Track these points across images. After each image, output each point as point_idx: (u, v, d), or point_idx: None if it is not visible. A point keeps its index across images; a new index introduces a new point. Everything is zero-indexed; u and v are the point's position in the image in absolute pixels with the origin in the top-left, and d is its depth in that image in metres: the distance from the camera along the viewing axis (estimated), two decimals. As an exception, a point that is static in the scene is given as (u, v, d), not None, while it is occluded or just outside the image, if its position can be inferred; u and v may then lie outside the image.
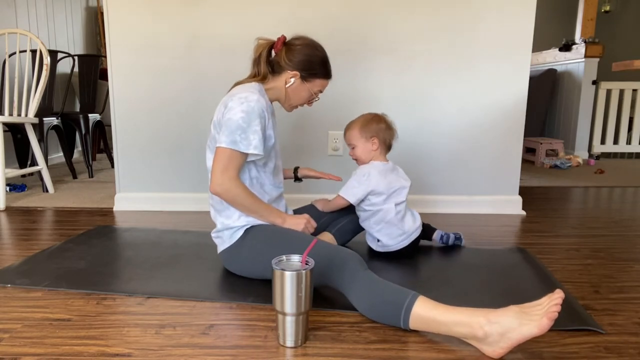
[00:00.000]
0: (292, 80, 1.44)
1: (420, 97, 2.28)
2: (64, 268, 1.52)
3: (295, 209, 1.71)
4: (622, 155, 4.66)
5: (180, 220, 2.17)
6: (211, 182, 1.34)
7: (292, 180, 1.77)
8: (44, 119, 2.91)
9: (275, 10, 2.20)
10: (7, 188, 2.74)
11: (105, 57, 2.53)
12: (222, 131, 1.33)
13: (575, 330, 1.13)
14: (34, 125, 2.73)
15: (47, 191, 2.73)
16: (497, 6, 2.20)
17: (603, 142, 4.43)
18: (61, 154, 3.89)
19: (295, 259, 1.08)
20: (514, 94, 2.28)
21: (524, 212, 2.35)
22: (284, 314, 1.03)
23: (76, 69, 3.54)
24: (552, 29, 5.42)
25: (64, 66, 3.67)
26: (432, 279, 1.48)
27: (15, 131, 3.11)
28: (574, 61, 4.47)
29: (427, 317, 1.06)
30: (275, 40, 1.45)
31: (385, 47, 2.24)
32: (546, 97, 4.60)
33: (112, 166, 3.61)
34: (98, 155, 4.25)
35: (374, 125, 1.63)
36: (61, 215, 2.25)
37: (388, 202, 1.60)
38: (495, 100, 2.28)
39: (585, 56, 4.30)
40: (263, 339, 1.09)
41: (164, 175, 2.35)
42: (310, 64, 1.44)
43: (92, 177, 3.24)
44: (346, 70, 2.24)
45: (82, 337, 1.09)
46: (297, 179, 1.77)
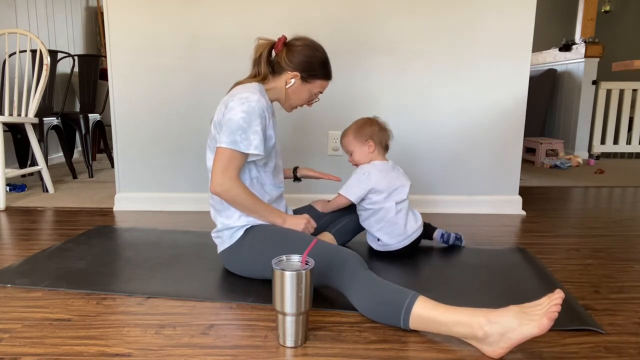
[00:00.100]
0: (293, 81, 1.44)
1: (420, 97, 2.28)
2: (64, 268, 1.52)
3: (295, 209, 1.71)
4: (622, 155, 4.66)
5: (180, 220, 2.17)
6: (211, 182, 1.34)
7: (292, 180, 1.77)
8: (44, 119, 2.91)
9: (275, 10, 2.20)
10: (7, 188, 2.74)
11: (105, 57, 2.53)
12: (223, 131, 1.33)
13: (575, 330, 1.13)
14: (34, 125, 2.74)
15: (47, 191, 2.74)
16: (497, 6, 2.20)
17: (603, 142, 4.43)
18: (61, 154, 3.90)
19: (295, 259, 1.08)
20: (514, 94, 2.28)
21: (524, 212, 2.35)
22: (284, 314, 1.03)
23: (76, 69, 3.54)
24: (552, 29, 5.42)
25: (64, 66, 3.67)
26: (432, 279, 1.48)
27: (15, 131, 3.12)
28: (574, 61, 4.47)
29: (427, 317, 1.06)
30: (276, 40, 1.45)
31: (385, 47, 2.24)
32: (546, 97, 4.60)
33: (112, 166, 3.61)
34: (98, 155, 4.25)
35: (367, 128, 1.65)
36: (61, 215, 2.25)
37: (389, 201, 1.60)
38: (495, 100, 2.28)
39: (585, 56, 4.30)
40: (263, 339, 1.09)
41: (164, 175, 2.35)
42: (310, 65, 1.44)
43: (92, 177, 3.24)
44: (346, 70, 2.24)
45: (82, 337, 1.09)
46: (296, 178, 1.77)
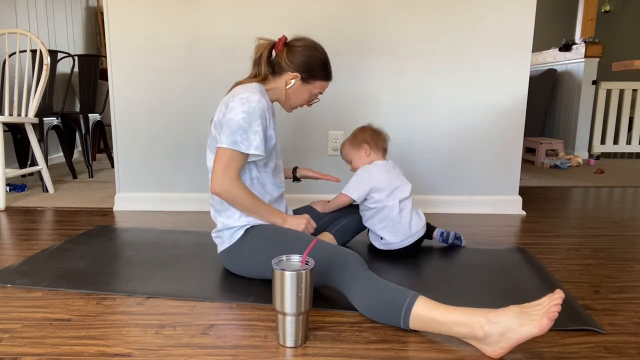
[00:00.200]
0: (293, 81, 1.44)
1: (420, 97, 2.28)
2: (64, 268, 1.52)
3: (294, 210, 1.71)
4: (622, 155, 4.66)
5: (180, 220, 2.17)
6: (212, 183, 1.33)
7: (291, 180, 1.77)
8: (44, 119, 2.91)
9: (275, 10, 2.20)
10: (7, 188, 2.74)
11: (105, 57, 2.53)
12: (223, 131, 1.33)
13: (575, 330, 1.13)
14: (34, 125, 2.74)
15: (47, 191, 2.73)
16: (497, 6, 2.20)
17: (603, 142, 4.43)
18: (61, 154, 3.90)
19: (295, 259, 1.08)
20: (514, 94, 2.28)
21: (524, 212, 2.35)
22: (284, 314, 1.03)
23: (76, 69, 3.54)
24: (552, 29, 5.42)
25: (64, 66, 3.67)
26: (432, 279, 1.48)
27: (15, 131, 3.12)
28: (574, 61, 4.47)
29: (427, 317, 1.06)
30: (276, 40, 1.45)
31: (385, 47, 2.24)
32: (546, 97, 4.60)
33: (112, 166, 3.61)
34: (98, 155, 4.25)
35: (360, 134, 1.73)
36: (61, 215, 2.25)
37: (391, 199, 1.61)
38: (495, 100, 2.28)
39: (585, 56, 4.30)
40: (263, 339, 1.09)
41: (164, 175, 2.35)
42: (310, 65, 1.44)
43: (92, 177, 3.24)
44: (346, 70, 2.24)
45: (82, 337, 1.09)
46: (295, 179, 1.77)
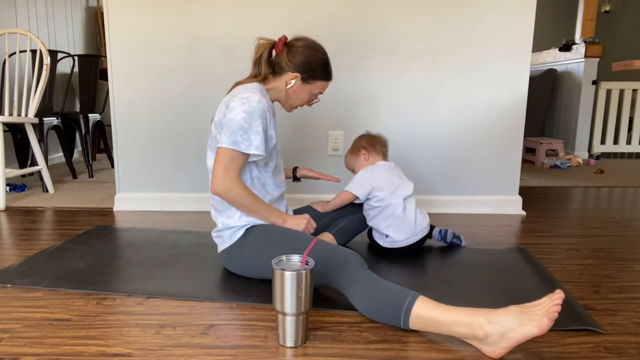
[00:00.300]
0: (293, 81, 1.44)
1: (420, 97, 2.28)
2: (64, 268, 1.52)
3: (295, 210, 1.71)
4: (622, 155, 4.66)
5: (180, 220, 2.17)
6: (212, 183, 1.33)
7: (291, 180, 1.77)
8: (44, 119, 2.91)
9: (275, 10, 2.20)
10: (7, 188, 2.74)
11: (105, 57, 2.53)
12: (224, 131, 1.32)
13: (575, 330, 1.13)
14: (34, 125, 2.74)
15: (47, 191, 2.73)
16: (497, 6, 2.20)
17: (603, 142, 4.43)
18: (61, 154, 3.90)
19: (295, 259, 1.08)
20: (514, 94, 2.28)
21: (524, 212, 2.35)
22: (284, 314, 1.03)
23: (76, 69, 3.54)
24: (552, 29, 5.43)
25: (64, 66, 3.67)
26: (432, 279, 1.48)
27: (15, 131, 3.12)
28: (574, 61, 4.47)
29: (427, 317, 1.06)
30: (276, 40, 1.45)
31: (385, 47, 2.24)
32: (546, 97, 4.60)
33: (112, 166, 3.61)
34: (98, 155, 4.25)
35: (357, 142, 1.80)
36: (61, 215, 2.25)
37: (395, 197, 1.62)
38: (495, 100, 2.28)
39: (585, 56, 4.30)
40: (263, 339, 1.09)
41: (164, 175, 2.35)
42: (311, 65, 1.44)
43: (92, 177, 3.24)
44: (346, 70, 2.24)
45: (82, 337, 1.09)
46: (295, 179, 1.77)
